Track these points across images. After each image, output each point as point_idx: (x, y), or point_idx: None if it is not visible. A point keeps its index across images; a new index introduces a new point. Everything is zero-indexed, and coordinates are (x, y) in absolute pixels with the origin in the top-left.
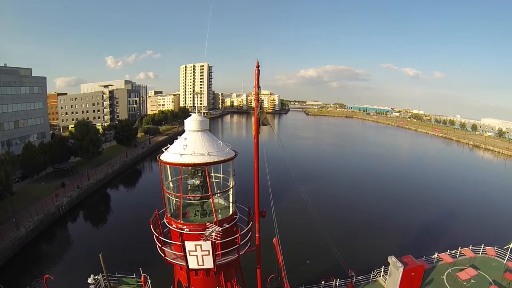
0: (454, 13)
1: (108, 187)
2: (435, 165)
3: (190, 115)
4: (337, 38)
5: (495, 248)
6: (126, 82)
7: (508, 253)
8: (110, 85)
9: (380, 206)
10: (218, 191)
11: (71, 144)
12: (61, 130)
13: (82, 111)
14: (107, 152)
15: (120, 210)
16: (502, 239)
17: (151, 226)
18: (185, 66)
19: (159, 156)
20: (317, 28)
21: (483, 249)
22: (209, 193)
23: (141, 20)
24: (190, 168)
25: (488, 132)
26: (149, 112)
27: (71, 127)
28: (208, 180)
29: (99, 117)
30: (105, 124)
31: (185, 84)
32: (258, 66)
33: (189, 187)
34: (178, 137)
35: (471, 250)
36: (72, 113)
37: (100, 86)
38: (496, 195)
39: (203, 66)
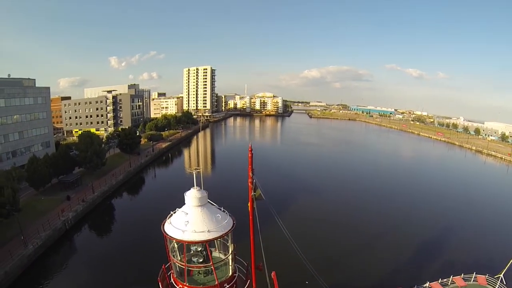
0: (459, 13)
1: (113, 198)
2: (433, 178)
3: (193, 118)
4: (341, 39)
5: (487, 276)
6: (130, 86)
7: (499, 282)
8: (114, 90)
9: (373, 226)
10: (218, 260)
11: (75, 154)
12: (65, 134)
13: (86, 116)
14: (110, 161)
15: (125, 222)
16: (497, 265)
17: (160, 283)
18: (188, 69)
19: (163, 226)
20: (321, 28)
21: (474, 277)
22: (211, 263)
23: (145, 20)
24: None
25: (491, 136)
26: (152, 115)
27: (75, 132)
28: (208, 251)
29: (102, 122)
30: (109, 129)
31: (188, 87)
32: (251, 150)
33: (192, 251)
34: (177, 209)
35: (463, 278)
36: (76, 117)
37: (104, 91)
38: (495, 212)
39: (206, 69)
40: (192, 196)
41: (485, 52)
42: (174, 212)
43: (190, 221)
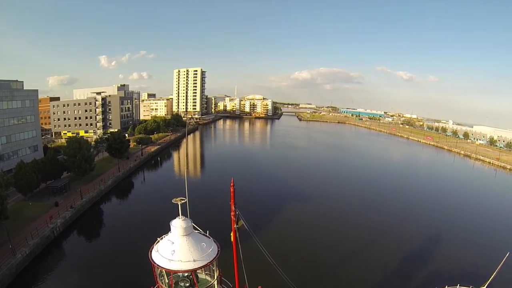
0: (449, 17)
1: (101, 204)
2: (421, 185)
3: (182, 120)
4: (331, 40)
5: None
6: (119, 88)
7: None
8: (103, 92)
9: (357, 236)
10: (204, 282)
11: (63, 159)
12: (53, 136)
13: (75, 117)
14: (99, 165)
15: (114, 229)
16: (482, 275)
17: None
18: (179, 71)
19: (151, 253)
20: (311, 29)
21: None
22: None
23: (136, 20)
24: None
25: (479, 140)
26: (142, 117)
27: (64, 134)
28: (194, 277)
29: (91, 124)
30: (98, 131)
31: (178, 89)
32: (233, 185)
33: (179, 276)
34: (164, 236)
35: None
36: (65, 119)
37: (93, 92)
38: (482, 220)
39: (196, 71)
40: (177, 226)
41: (475, 56)
42: (161, 239)
43: (176, 251)
